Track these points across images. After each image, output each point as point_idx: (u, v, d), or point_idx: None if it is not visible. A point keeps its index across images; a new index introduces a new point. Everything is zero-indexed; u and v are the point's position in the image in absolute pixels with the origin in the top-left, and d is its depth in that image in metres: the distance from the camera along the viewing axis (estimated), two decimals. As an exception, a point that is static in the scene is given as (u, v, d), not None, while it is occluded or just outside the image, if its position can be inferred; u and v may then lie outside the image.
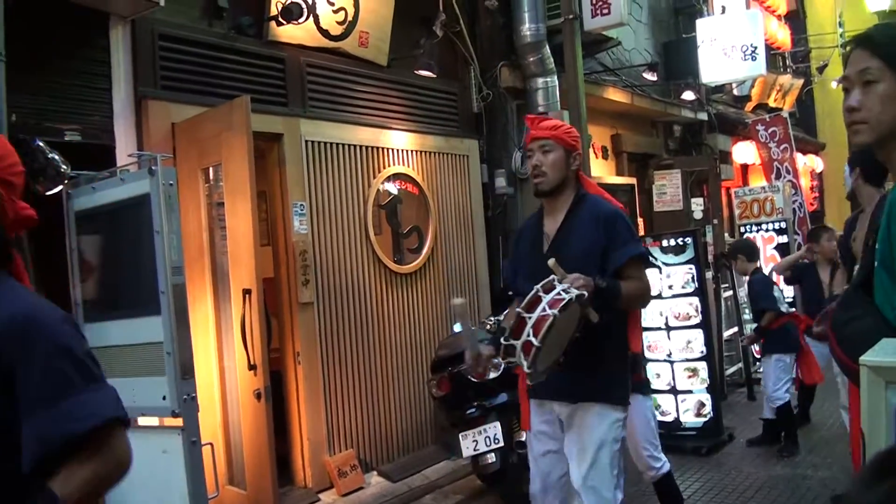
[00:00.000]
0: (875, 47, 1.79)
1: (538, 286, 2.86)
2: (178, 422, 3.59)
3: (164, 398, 3.59)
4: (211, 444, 3.97)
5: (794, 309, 7.64)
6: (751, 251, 6.90)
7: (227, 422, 4.90)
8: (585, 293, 2.83)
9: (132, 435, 1.59)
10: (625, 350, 3.30)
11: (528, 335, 2.76)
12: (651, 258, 7.06)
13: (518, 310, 2.85)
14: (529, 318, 2.78)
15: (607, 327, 3.06)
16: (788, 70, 15.59)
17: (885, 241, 1.76)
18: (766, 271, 9.04)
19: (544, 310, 2.77)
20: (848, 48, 1.91)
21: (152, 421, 3.87)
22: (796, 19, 16.29)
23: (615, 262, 3.14)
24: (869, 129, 1.80)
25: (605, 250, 3.15)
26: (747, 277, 6.80)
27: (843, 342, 1.83)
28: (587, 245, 3.18)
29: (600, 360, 3.14)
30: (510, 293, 3.60)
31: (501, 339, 2.90)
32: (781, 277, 7.23)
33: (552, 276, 2.87)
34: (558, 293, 2.80)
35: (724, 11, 12.07)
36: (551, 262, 2.92)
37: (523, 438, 4.37)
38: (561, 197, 3.32)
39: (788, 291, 8.87)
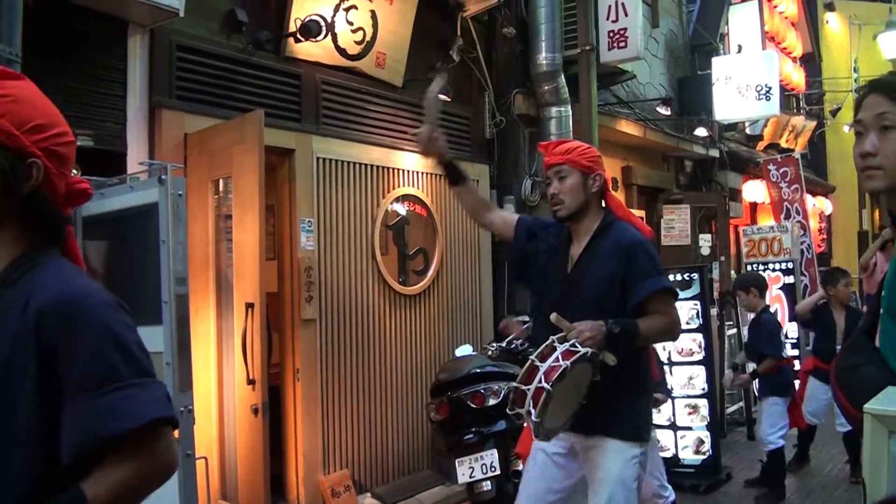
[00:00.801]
0: (893, 93, 1.76)
1: (554, 337, 2.81)
2: (174, 434, 3.56)
3: (160, 409, 3.57)
4: (205, 457, 3.94)
5: (796, 351, 7.63)
6: (763, 286, 6.64)
7: (223, 435, 4.87)
8: (591, 351, 2.78)
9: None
10: (642, 381, 3.21)
11: (540, 381, 2.71)
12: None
13: (532, 358, 2.79)
14: (541, 366, 2.74)
15: (624, 358, 2.96)
16: (802, 112, 15.64)
17: (892, 287, 1.75)
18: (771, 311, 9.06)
19: (557, 360, 2.73)
20: (861, 92, 1.85)
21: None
22: (811, 62, 16.36)
23: (635, 297, 3.03)
24: (884, 176, 1.76)
25: (625, 283, 3.04)
26: (753, 315, 6.57)
27: (846, 389, 1.81)
28: (607, 276, 3.07)
29: (616, 391, 3.00)
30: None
31: (513, 383, 2.83)
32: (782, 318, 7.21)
33: (551, 339, 2.84)
34: (573, 345, 2.77)
35: (740, 51, 12.14)
36: (553, 317, 2.85)
37: (520, 468, 4.33)
38: (584, 221, 3.20)
39: (791, 331, 8.85)
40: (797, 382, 6.69)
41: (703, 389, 6.75)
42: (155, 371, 1.43)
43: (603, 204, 3.29)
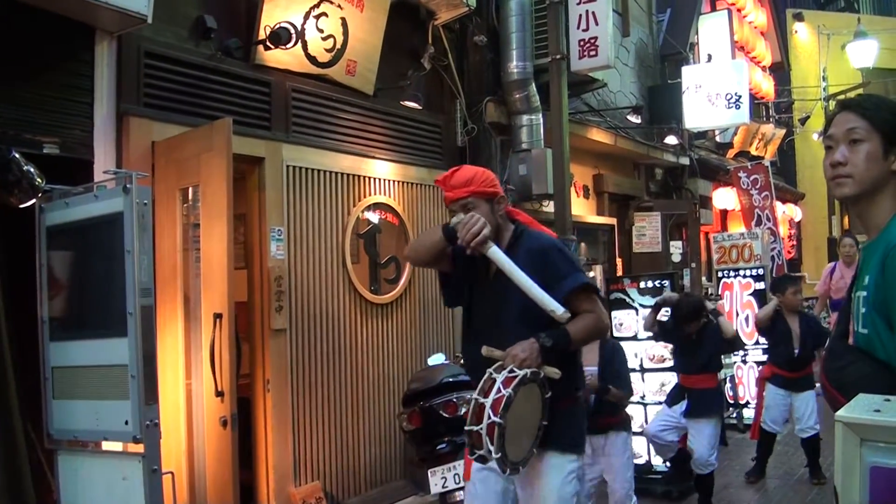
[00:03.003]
0: (863, 111, 2.01)
1: (490, 369, 2.80)
2: (140, 448, 3.50)
3: (126, 423, 3.51)
4: (172, 472, 3.88)
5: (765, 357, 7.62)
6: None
7: (191, 448, 4.79)
8: (528, 371, 2.76)
9: (93, 459, 1.51)
10: (575, 392, 3.16)
11: (489, 416, 2.68)
12: (629, 299, 7.12)
13: (475, 397, 2.77)
14: (486, 401, 2.72)
15: (559, 366, 2.94)
16: (771, 120, 15.83)
17: (877, 285, 1.88)
18: (742, 317, 9.12)
19: (499, 390, 2.71)
20: (833, 111, 2.14)
21: (116, 446, 3.76)
22: (781, 71, 16.59)
23: (557, 297, 2.98)
24: (853, 183, 1.99)
25: (545, 286, 2.98)
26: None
27: (844, 388, 1.89)
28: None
29: (551, 403, 2.96)
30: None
31: (465, 428, 2.79)
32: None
33: (488, 372, 2.82)
34: (511, 370, 2.76)
35: (709, 60, 12.25)
36: (484, 349, 2.84)
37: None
38: (499, 242, 3.14)
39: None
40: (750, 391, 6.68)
41: (675, 396, 6.74)
42: None
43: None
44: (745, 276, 9.45)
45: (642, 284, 7.20)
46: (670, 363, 6.76)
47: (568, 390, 3.07)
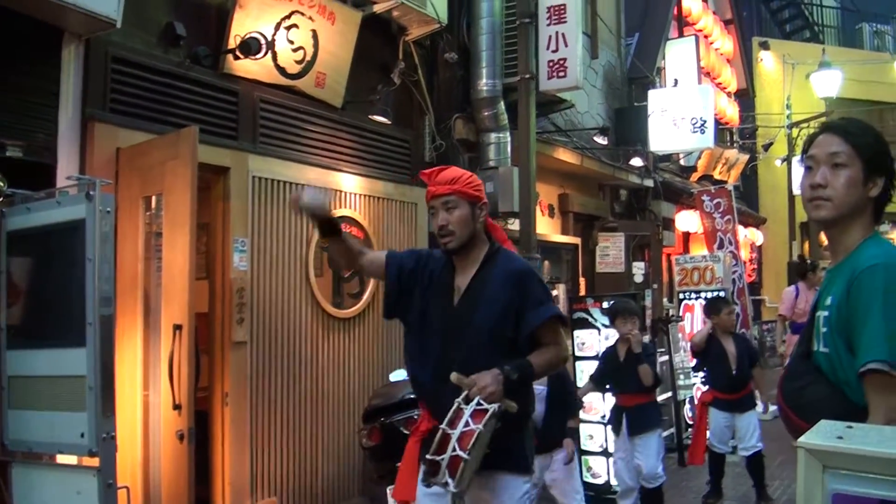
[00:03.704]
0: (847, 135, 1.99)
1: (458, 399, 2.71)
2: (95, 461, 3.42)
3: (82, 435, 3.43)
4: (127, 487, 3.80)
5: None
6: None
7: (147, 462, 4.70)
8: (497, 406, 2.70)
9: (48, 472, 1.47)
10: (527, 414, 3.13)
11: (454, 449, 2.61)
12: (592, 318, 7.14)
13: (442, 427, 2.68)
14: (453, 433, 2.64)
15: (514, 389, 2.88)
16: (735, 145, 16.07)
17: (839, 309, 1.92)
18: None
19: (468, 423, 2.64)
20: (816, 131, 2.12)
21: (71, 459, 3.68)
22: (746, 98, 16.87)
23: (530, 325, 2.96)
24: (832, 206, 2.00)
25: (518, 311, 2.96)
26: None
27: (800, 410, 1.94)
28: (499, 306, 2.98)
29: (505, 425, 2.89)
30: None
31: (426, 455, 2.70)
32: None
33: (456, 403, 2.73)
34: (479, 403, 2.69)
35: (676, 84, 12.40)
36: (454, 377, 2.74)
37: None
38: (472, 252, 3.09)
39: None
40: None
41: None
42: None
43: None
44: (706, 299, 9.53)
45: (605, 304, 7.22)
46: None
47: (521, 416, 3.01)
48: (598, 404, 6.81)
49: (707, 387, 7.03)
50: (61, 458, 3.68)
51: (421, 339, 3.15)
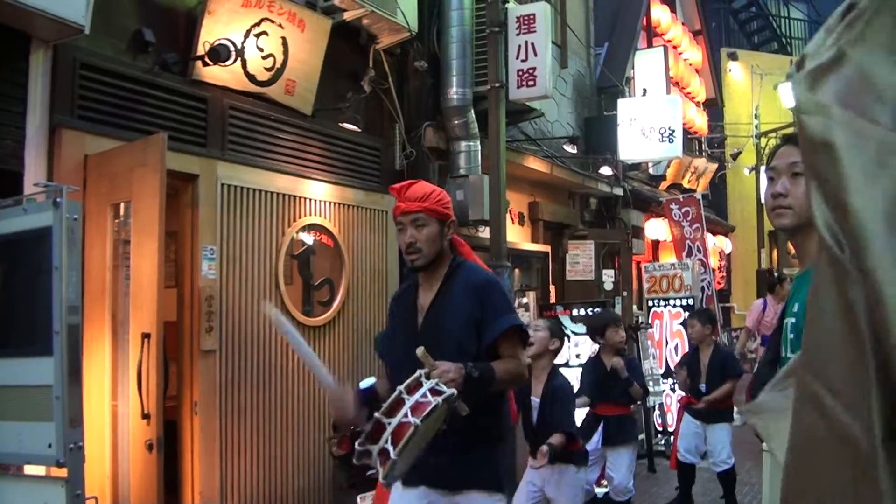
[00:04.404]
0: None
1: (402, 387, 2.58)
2: (63, 472, 3.37)
3: (49, 446, 3.38)
4: (96, 497, 3.74)
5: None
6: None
7: (115, 472, 4.64)
8: (455, 392, 2.60)
9: (15, 483, 1.45)
10: (501, 429, 3.09)
11: (386, 442, 2.49)
12: (562, 327, 7.17)
13: (377, 415, 2.56)
14: (389, 423, 2.52)
15: (486, 404, 2.87)
16: (703, 154, 16.24)
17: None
18: (672, 346, 9.26)
19: (406, 415, 2.51)
20: (777, 143, 2.20)
21: (39, 470, 3.62)
22: (714, 108, 17.06)
23: (490, 335, 2.95)
24: (793, 214, 2.05)
25: (479, 322, 2.95)
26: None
27: None
28: (462, 319, 2.97)
29: (477, 441, 2.91)
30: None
31: (356, 442, 2.58)
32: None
33: (419, 372, 2.63)
34: (424, 395, 2.56)
35: (645, 94, 12.51)
36: (420, 351, 2.67)
37: None
38: (438, 269, 3.09)
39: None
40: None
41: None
42: None
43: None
44: (674, 306, 9.63)
45: (574, 312, 7.28)
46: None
47: (494, 428, 3.02)
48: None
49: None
50: (29, 469, 3.62)
51: (393, 361, 3.16)
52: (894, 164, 0.82)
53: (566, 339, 7.00)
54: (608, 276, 11.18)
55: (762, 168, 14.92)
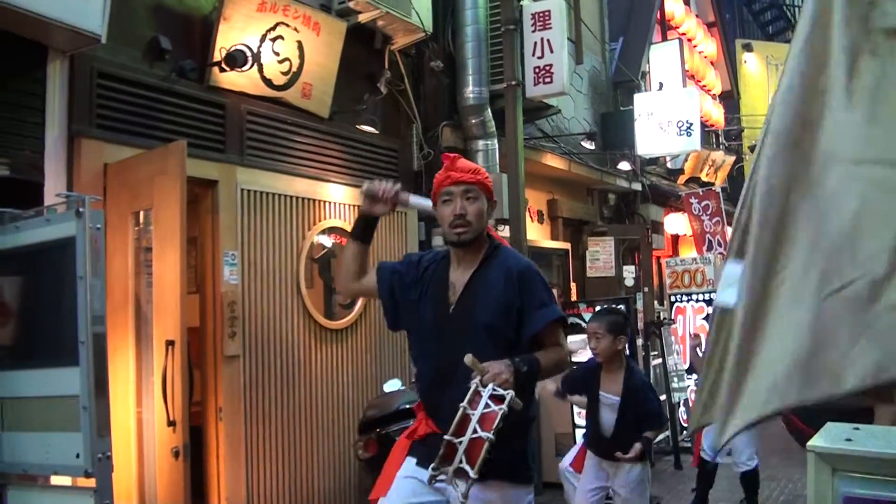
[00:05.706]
0: None
1: (463, 404, 2.52)
2: (91, 482, 3.37)
3: (77, 456, 3.38)
4: (123, 506, 3.76)
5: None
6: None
7: (142, 480, 4.65)
8: (513, 393, 2.53)
9: (44, 493, 1.43)
10: (529, 421, 3.01)
11: (461, 462, 2.43)
12: (573, 322, 7.12)
13: (446, 437, 2.49)
14: (460, 442, 2.46)
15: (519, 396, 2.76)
16: (721, 147, 16.11)
17: None
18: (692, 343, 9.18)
19: (475, 431, 2.46)
20: None
21: (66, 480, 3.62)
22: (730, 100, 16.93)
23: (533, 327, 2.85)
24: None
25: (520, 311, 2.85)
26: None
27: (800, 411, 1.89)
28: (500, 303, 2.85)
29: (508, 434, 2.70)
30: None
31: (430, 467, 2.50)
32: None
33: (474, 383, 2.56)
34: (486, 405, 2.50)
35: (661, 88, 12.45)
36: (468, 358, 2.58)
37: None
38: (475, 250, 2.96)
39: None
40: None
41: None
42: None
43: None
44: (697, 301, 9.56)
45: (597, 309, 7.22)
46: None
47: (523, 421, 2.90)
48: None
49: None
50: (56, 480, 3.63)
51: (420, 341, 3.07)
52: None
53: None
54: (629, 272, 11.12)
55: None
